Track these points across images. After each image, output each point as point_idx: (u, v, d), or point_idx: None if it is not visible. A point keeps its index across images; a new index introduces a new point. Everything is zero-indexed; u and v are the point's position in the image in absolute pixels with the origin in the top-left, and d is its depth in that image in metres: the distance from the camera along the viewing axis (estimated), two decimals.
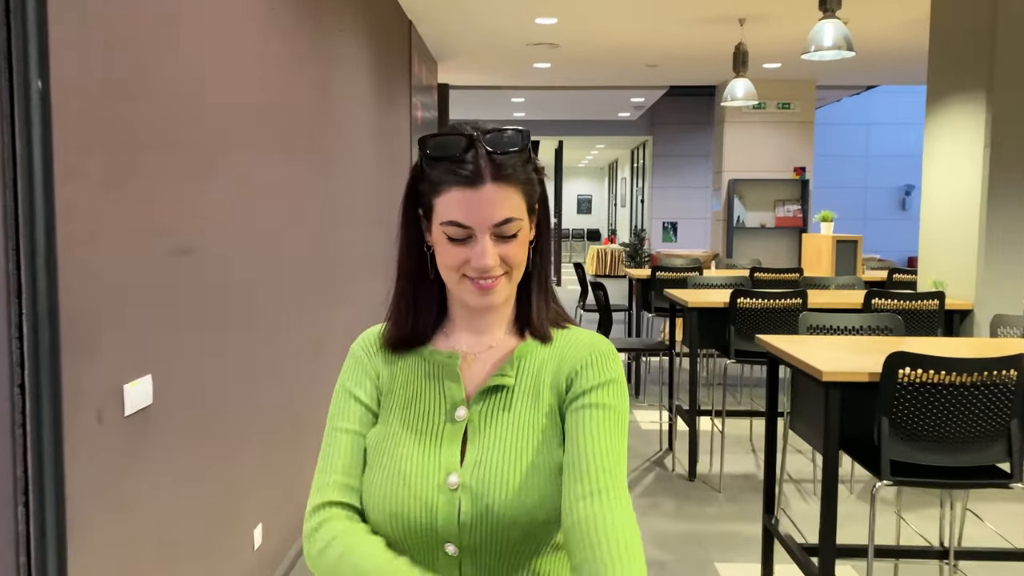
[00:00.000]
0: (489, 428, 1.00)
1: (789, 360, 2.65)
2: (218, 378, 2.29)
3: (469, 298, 1.01)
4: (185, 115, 2.07)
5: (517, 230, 0.99)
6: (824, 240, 6.27)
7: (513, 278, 1.02)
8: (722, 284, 5.23)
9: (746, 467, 4.51)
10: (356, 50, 4.20)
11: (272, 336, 2.79)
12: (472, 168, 0.97)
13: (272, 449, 2.78)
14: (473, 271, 0.98)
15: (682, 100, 12.41)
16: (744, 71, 6.09)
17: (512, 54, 7.36)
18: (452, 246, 0.98)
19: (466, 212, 0.97)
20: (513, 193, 0.99)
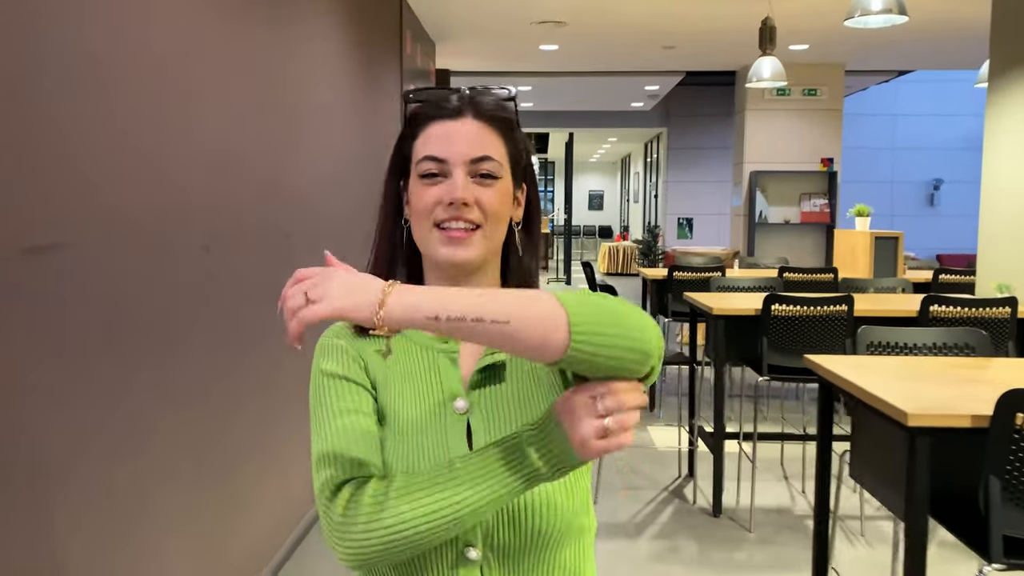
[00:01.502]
0: (492, 414, 0.97)
1: (855, 392, 2.05)
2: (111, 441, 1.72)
3: (440, 251, 0.96)
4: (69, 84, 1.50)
5: (496, 175, 0.97)
6: (860, 237, 5.64)
7: (488, 234, 0.97)
8: (749, 287, 4.62)
9: (778, 499, 3.92)
10: (326, 16, 3.62)
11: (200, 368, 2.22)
12: (455, 104, 0.97)
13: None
14: (444, 212, 0.95)
15: (698, 90, 11.79)
16: (771, 48, 5.46)
17: (517, 34, 6.77)
18: (426, 187, 0.96)
19: (443, 143, 0.96)
20: (494, 137, 0.98)
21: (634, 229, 18.69)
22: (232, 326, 2.52)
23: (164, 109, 2.07)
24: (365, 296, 0.79)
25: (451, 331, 0.79)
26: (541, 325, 0.78)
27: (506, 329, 0.78)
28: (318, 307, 0.79)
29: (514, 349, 0.80)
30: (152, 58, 2.00)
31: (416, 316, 0.78)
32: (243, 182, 2.62)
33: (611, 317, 0.80)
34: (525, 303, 0.80)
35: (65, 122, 1.65)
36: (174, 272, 2.13)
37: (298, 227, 3.17)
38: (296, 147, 3.17)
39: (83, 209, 1.71)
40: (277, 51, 2.96)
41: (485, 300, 0.79)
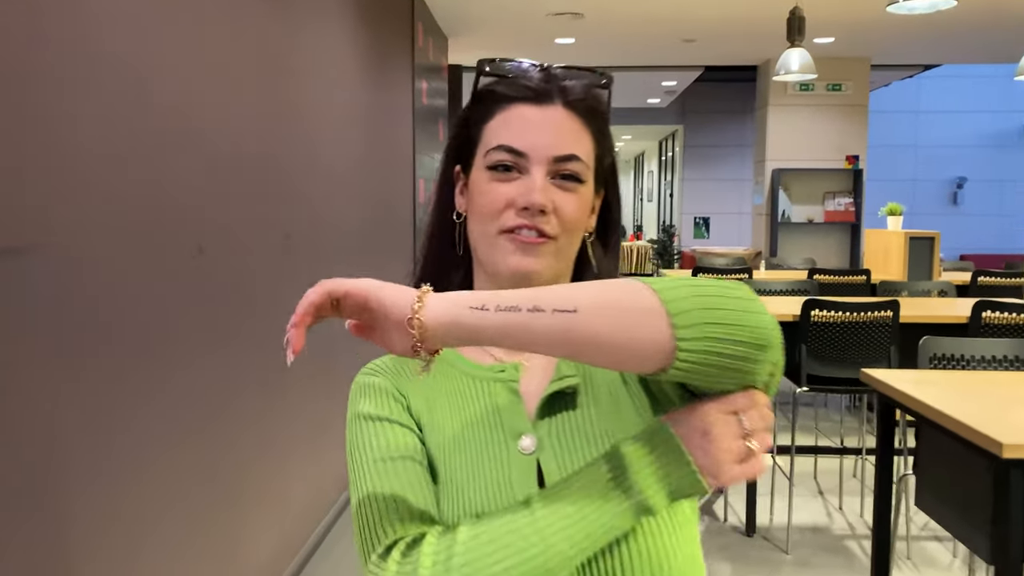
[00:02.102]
0: (568, 450, 0.76)
1: (926, 414, 1.81)
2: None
3: (506, 259, 0.79)
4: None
5: (580, 178, 0.80)
6: (894, 237, 5.38)
7: (561, 248, 0.80)
8: (781, 290, 4.38)
9: (814, 516, 3.67)
10: (334, 6, 3.40)
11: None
12: (542, 86, 0.81)
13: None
14: (516, 217, 0.78)
15: (716, 86, 11.53)
16: (800, 40, 5.22)
17: (532, 26, 6.54)
18: (495, 183, 0.79)
19: (523, 133, 0.79)
20: (583, 131, 0.82)
21: (648, 228, 18.43)
22: (229, 332, 2.31)
23: (155, 102, 1.86)
24: (400, 291, 0.66)
25: (504, 330, 0.64)
26: (625, 316, 0.63)
27: (575, 322, 0.62)
28: (330, 284, 0.66)
29: (591, 353, 0.64)
30: (144, 47, 1.79)
31: (459, 310, 0.64)
32: (241, 179, 2.40)
33: (719, 301, 0.64)
34: (599, 288, 0.65)
35: (43, 116, 1.43)
36: (165, 276, 1.92)
37: (298, 227, 2.95)
38: (300, 143, 2.95)
39: (61, 208, 1.49)
40: (281, 42, 2.74)
41: (544, 290, 0.65)
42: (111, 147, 1.68)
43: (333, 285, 0.65)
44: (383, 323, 0.66)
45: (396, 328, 0.65)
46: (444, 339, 0.65)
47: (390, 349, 0.68)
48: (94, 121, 1.62)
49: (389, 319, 0.65)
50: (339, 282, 0.66)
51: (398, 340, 0.66)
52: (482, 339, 0.65)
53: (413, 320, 0.64)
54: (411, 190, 5.10)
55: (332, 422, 3.29)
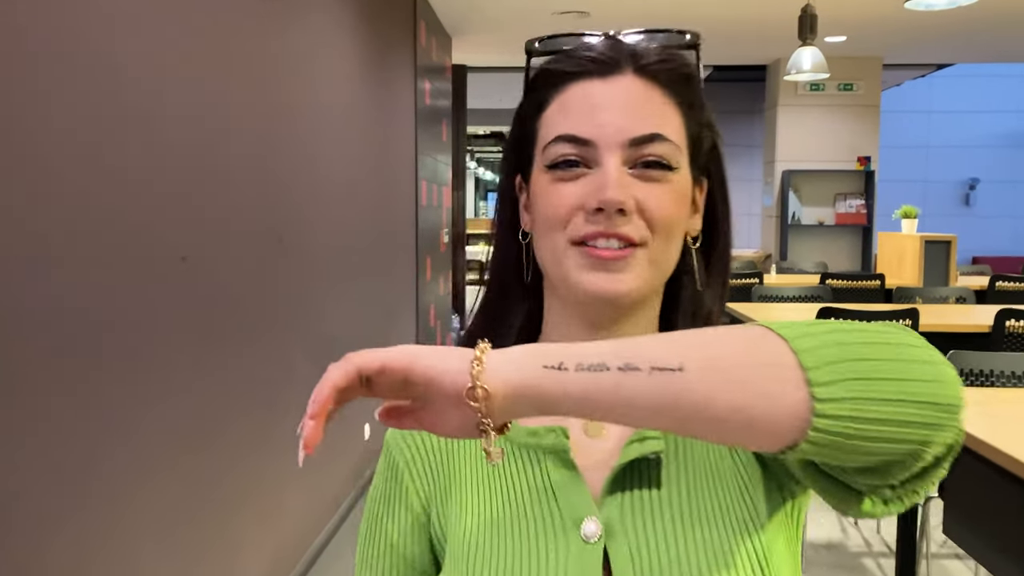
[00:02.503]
0: (645, 539, 0.59)
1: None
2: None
3: (582, 279, 0.61)
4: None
5: (670, 163, 0.62)
6: (908, 241, 5.24)
7: (655, 256, 0.62)
8: (793, 296, 4.25)
9: (829, 532, 3.54)
10: (333, 3, 3.29)
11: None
12: (606, 54, 0.63)
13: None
14: (588, 223, 0.60)
15: (723, 86, 11.37)
16: (812, 38, 5.08)
17: (537, 25, 6.42)
18: (558, 183, 0.62)
19: (587, 115, 0.61)
20: (667, 105, 0.64)
21: None
22: (222, 341, 2.19)
23: (135, 100, 1.74)
24: (450, 354, 0.51)
25: (587, 396, 0.48)
26: (747, 374, 0.47)
27: (681, 384, 0.47)
28: (358, 358, 0.50)
29: (700, 426, 0.48)
30: (130, 45, 1.68)
31: (531, 372, 0.49)
32: (234, 181, 2.28)
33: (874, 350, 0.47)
34: (709, 337, 0.50)
35: (18, 117, 1.32)
36: (145, 288, 1.80)
37: (292, 230, 2.83)
38: (296, 144, 2.84)
39: (29, 213, 1.38)
40: (276, 40, 2.63)
41: (635, 342, 0.50)
42: (91, 149, 1.57)
43: (363, 360, 0.50)
44: (433, 400, 0.51)
45: (451, 404, 0.50)
46: (514, 410, 0.50)
47: (446, 433, 0.53)
48: (72, 121, 1.50)
49: (441, 393, 0.50)
50: (370, 355, 0.51)
51: (455, 420, 0.51)
52: (561, 407, 0.50)
53: (475, 390, 0.49)
54: (413, 192, 4.98)
55: (329, 437, 3.17)
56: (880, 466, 0.49)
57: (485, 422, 0.50)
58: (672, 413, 0.48)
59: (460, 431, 0.52)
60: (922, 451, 0.48)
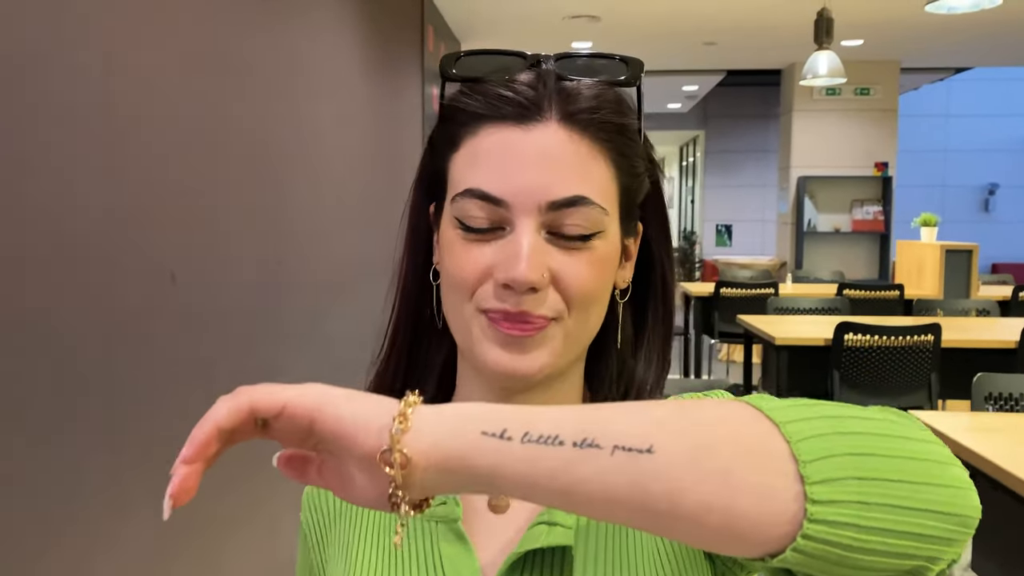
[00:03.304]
0: None
1: (986, 470, 1.58)
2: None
3: (486, 352, 0.55)
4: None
5: (591, 229, 0.55)
6: (928, 249, 5.10)
7: (571, 332, 0.56)
8: (810, 308, 4.14)
9: None
10: (337, 4, 3.21)
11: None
12: (526, 94, 0.55)
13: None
14: (497, 297, 0.54)
15: (738, 90, 11.27)
16: (828, 42, 4.98)
17: (547, 29, 6.34)
18: (467, 244, 0.55)
19: (503, 170, 0.54)
20: (595, 158, 0.55)
21: None
22: (211, 365, 2.11)
23: (117, 105, 1.66)
24: (369, 404, 0.42)
25: (533, 475, 0.40)
26: (731, 465, 0.39)
27: (646, 468, 0.39)
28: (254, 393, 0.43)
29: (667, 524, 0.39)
30: (115, 50, 1.59)
31: (466, 439, 0.40)
32: (232, 192, 2.20)
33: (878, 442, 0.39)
34: (688, 414, 0.41)
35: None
36: (128, 309, 1.72)
37: (292, 246, 2.75)
38: (298, 151, 2.75)
39: (3, 227, 1.29)
40: (278, 46, 2.55)
41: (597, 412, 0.42)
42: (75, 157, 1.48)
43: (260, 397, 0.42)
44: (341, 456, 0.43)
45: (363, 465, 0.42)
46: (438, 484, 0.42)
47: (351, 498, 0.44)
48: (55, 126, 1.42)
49: (352, 452, 0.42)
50: (269, 392, 0.43)
51: (364, 486, 0.43)
52: (497, 486, 0.41)
53: (392, 453, 0.40)
54: None
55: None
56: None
57: (398, 495, 0.41)
58: (634, 505, 0.39)
59: (367, 500, 0.43)
60: (927, 569, 0.40)
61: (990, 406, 2.07)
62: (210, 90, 2.15)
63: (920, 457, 0.41)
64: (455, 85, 0.59)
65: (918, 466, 0.40)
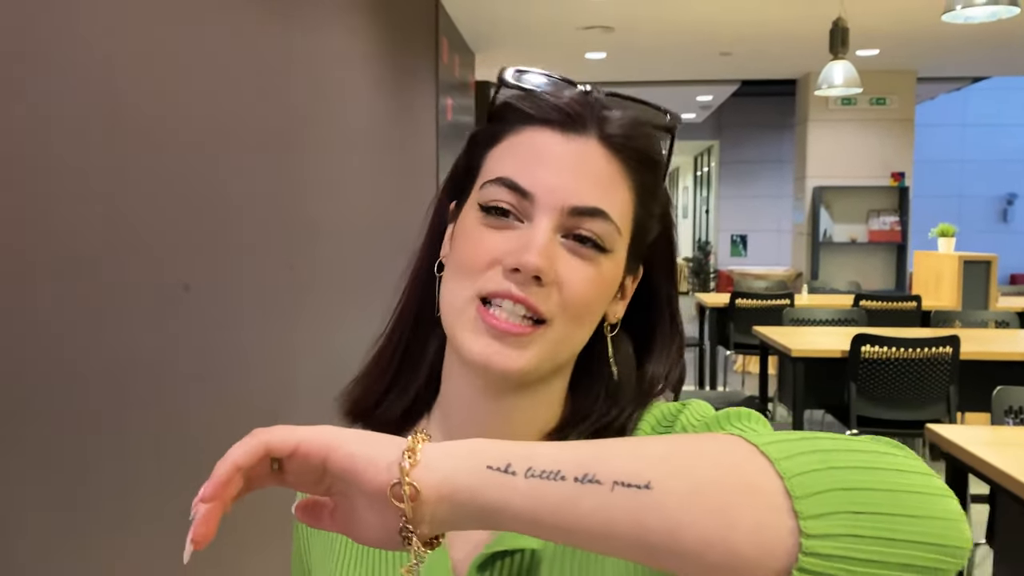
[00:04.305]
0: None
1: (1010, 487, 1.55)
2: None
3: (468, 341, 0.57)
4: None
5: (603, 245, 0.58)
6: (946, 260, 5.06)
7: (558, 338, 0.58)
8: (827, 319, 4.10)
9: None
10: (352, 17, 3.23)
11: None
12: (574, 108, 0.59)
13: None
14: (499, 280, 0.56)
15: (752, 100, 11.24)
16: (844, 52, 4.96)
17: (562, 40, 6.35)
18: (484, 230, 0.58)
19: (536, 167, 0.57)
20: (621, 182, 0.59)
21: (683, 246, 18.13)
22: (220, 375, 2.11)
23: (131, 116, 1.66)
24: (379, 443, 0.45)
25: (537, 511, 0.41)
26: (728, 501, 0.40)
27: (645, 504, 0.40)
28: (268, 434, 0.45)
29: (663, 557, 0.40)
30: (127, 58, 1.60)
31: (475, 475, 0.42)
32: (246, 202, 2.21)
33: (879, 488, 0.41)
34: (685, 449, 0.43)
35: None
36: (149, 315, 1.72)
37: (307, 249, 2.75)
38: (312, 163, 2.76)
39: (15, 235, 1.30)
40: (292, 57, 2.56)
41: (598, 448, 0.43)
42: (87, 167, 1.49)
43: (274, 438, 0.44)
44: (351, 496, 0.45)
45: (372, 503, 0.44)
46: (448, 520, 0.43)
47: (364, 539, 0.46)
48: (66, 134, 1.43)
49: (362, 488, 0.44)
50: (283, 433, 0.45)
51: (375, 524, 0.45)
52: (502, 519, 0.43)
53: (402, 487, 0.42)
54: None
55: None
56: None
57: (409, 528, 0.43)
58: (633, 539, 0.41)
59: (379, 539, 0.45)
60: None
61: (1010, 419, 2.04)
62: (226, 101, 2.16)
63: (911, 490, 0.41)
64: (508, 92, 0.63)
65: (909, 499, 0.41)
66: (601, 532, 0.41)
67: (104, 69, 1.63)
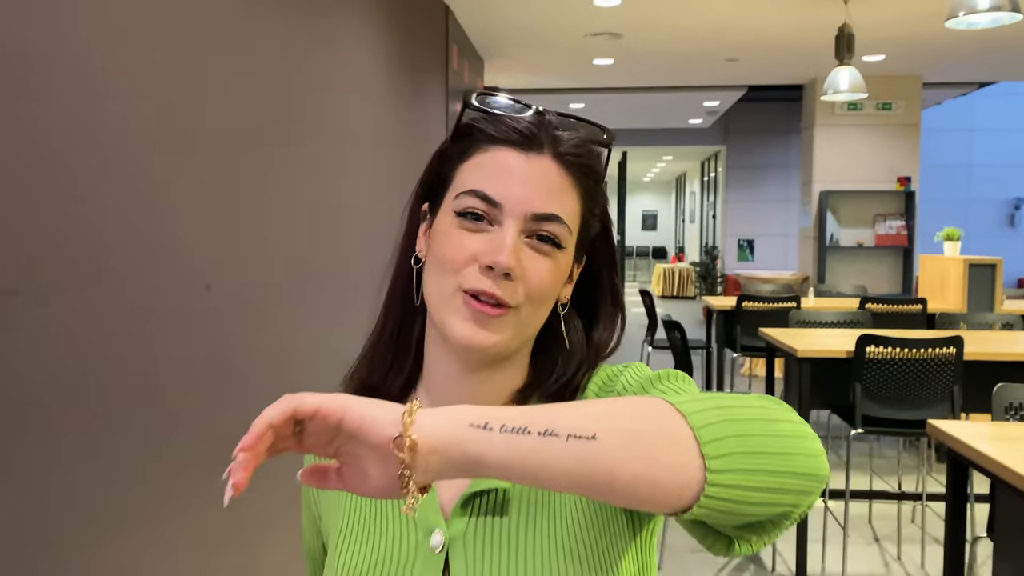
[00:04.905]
0: (481, 558, 0.69)
1: (1011, 480, 1.60)
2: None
3: (456, 325, 0.70)
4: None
5: (558, 242, 0.72)
6: (952, 264, 5.09)
7: (524, 321, 0.72)
8: (832, 322, 4.14)
9: (870, 566, 3.42)
10: (365, 26, 3.30)
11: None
12: (531, 130, 0.71)
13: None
14: (476, 277, 0.69)
15: (759, 105, 11.28)
16: (849, 58, 5.02)
17: (570, 47, 6.41)
18: (461, 232, 0.70)
19: (502, 180, 0.70)
20: (571, 191, 0.73)
21: (690, 250, 18.15)
22: (240, 380, 2.17)
23: (157, 121, 1.73)
24: (384, 406, 0.56)
25: (509, 458, 0.53)
26: (650, 447, 0.53)
27: (593, 452, 0.53)
28: (295, 399, 0.55)
29: (604, 492, 0.54)
30: (148, 61, 1.67)
31: (459, 429, 0.54)
32: (255, 207, 2.27)
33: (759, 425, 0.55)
34: (620, 409, 0.56)
35: (21, 140, 1.31)
36: (170, 315, 1.79)
37: (319, 255, 2.82)
38: (324, 170, 2.83)
39: (34, 242, 1.37)
40: (306, 65, 2.63)
41: (555, 410, 0.56)
42: (110, 171, 1.56)
43: (299, 401, 0.54)
44: (357, 452, 0.55)
45: (376, 456, 0.54)
46: (438, 468, 0.54)
47: (367, 490, 0.57)
48: (89, 141, 1.50)
49: (369, 441, 0.54)
50: (306, 397, 0.55)
51: (378, 475, 0.55)
52: (483, 468, 0.54)
53: (403, 439, 0.53)
54: None
55: None
56: (755, 524, 0.57)
57: (407, 473, 0.53)
58: (583, 478, 0.53)
59: (381, 489, 0.55)
60: (793, 512, 0.57)
61: (1010, 416, 2.09)
62: (246, 109, 2.23)
63: (786, 434, 0.56)
64: (473, 113, 0.75)
65: (784, 441, 0.55)
66: (558, 473, 0.53)
67: (137, 84, 1.70)
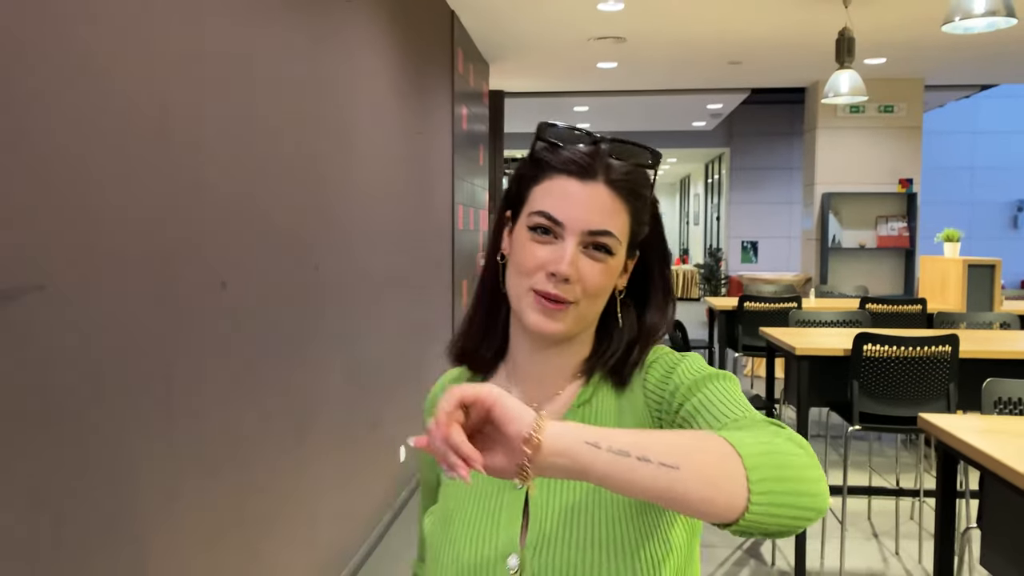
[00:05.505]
0: (553, 496, 0.88)
1: (997, 470, 1.66)
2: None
3: (529, 315, 0.90)
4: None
5: (611, 250, 0.90)
6: (951, 264, 5.15)
7: (583, 312, 0.91)
8: (832, 321, 4.20)
9: (869, 561, 3.47)
10: (373, 31, 3.37)
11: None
12: (587, 162, 0.89)
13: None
14: (543, 281, 0.89)
15: (762, 108, 11.34)
16: (850, 61, 5.06)
17: (574, 51, 6.48)
18: (533, 244, 0.90)
19: (563, 205, 0.89)
20: (620, 209, 0.91)
21: (694, 252, 18.18)
22: (253, 372, 2.24)
23: (173, 122, 1.80)
24: (523, 406, 0.71)
25: (609, 471, 0.69)
26: (714, 477, 0.70)
27: (675, 479, 0.69)
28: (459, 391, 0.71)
29: (675, 504, 0.70)
30: (164, 64, 1.74)
31: (575, 442, 0.70)
32: (268, 207, 2.34)
33: (790, 471, 0.72)
34: (696, 444, 0.72)
35: (44, 144, 1.38)
36: (185, 313, 1.86)
37: (329, 253, 2.89)
38: (334, 169, 2.90)
39: (58, 239, 1.44)
40: (315, 67, 2.70)
41: (649, 439, 0.71)
42: (131, 174, 1.63)
43: (464, 392, 0.70)
44: (493, 437, 0.71)
45: (507, 445, 0.69)
46: (551, 466, 0.69)
47: (490, 469, 0.71)
48: (110, 144, 1.57)
49: (508, 431, 0.69)
50: (468, 388, 0.70)
51: (502, 458, 0.70)
52: (587, 474, 0.70)
53: (532, 439, 0.68)
54: (449, 216, 5.04)
55: (360, 468, 3.21)
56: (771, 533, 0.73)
57: (527, 467, 0.69)
58: (663, 493, 0.69)
59: (502, 468, 0.70)
60: (803, 525, 0.73)
61: (1000, 410, 2.15)
62: (259, 113, 2.30)
63: (805, 474, 0.73)
64: (542, 143, 0.92)
65: (803, 473, 0.72)
66: (646, 488, 0.69)
67: (157, 95, 1.77)
